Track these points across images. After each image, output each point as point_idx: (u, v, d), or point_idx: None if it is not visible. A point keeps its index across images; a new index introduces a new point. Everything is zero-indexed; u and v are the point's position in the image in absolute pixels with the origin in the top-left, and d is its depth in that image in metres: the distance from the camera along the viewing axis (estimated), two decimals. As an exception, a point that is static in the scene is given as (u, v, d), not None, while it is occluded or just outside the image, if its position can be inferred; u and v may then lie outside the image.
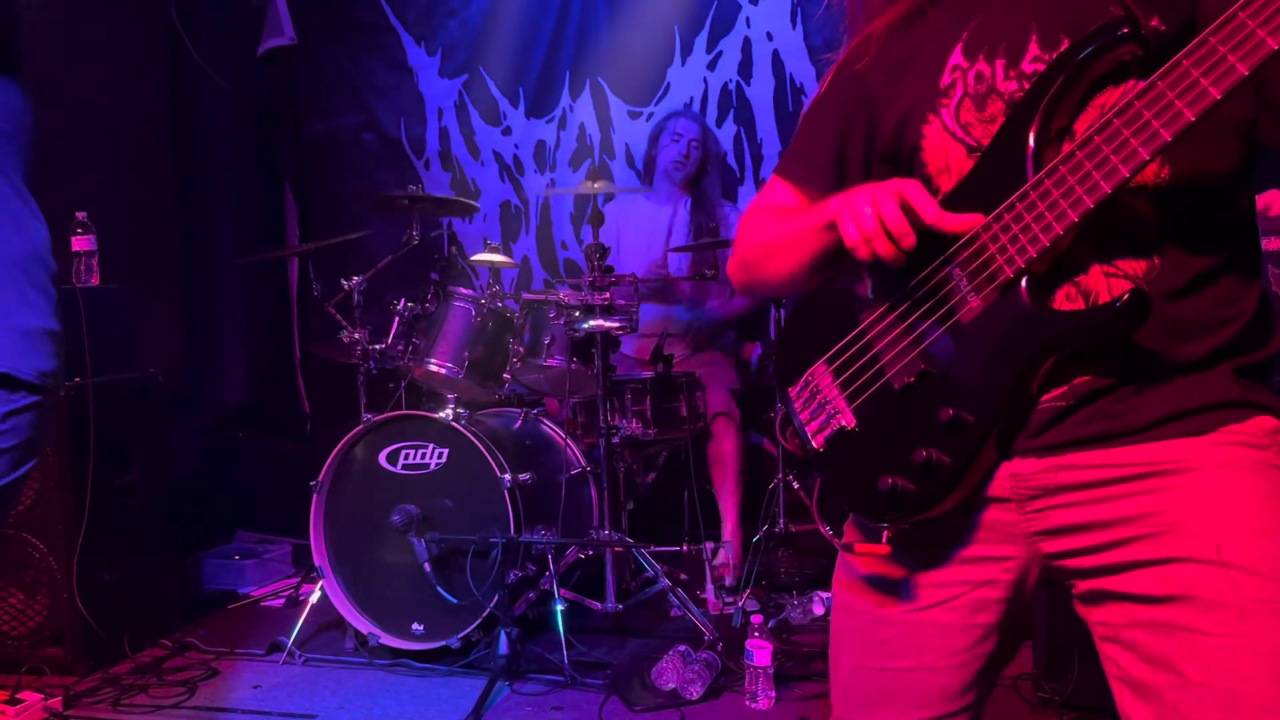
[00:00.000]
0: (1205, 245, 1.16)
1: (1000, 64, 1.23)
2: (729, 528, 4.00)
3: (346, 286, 3.65)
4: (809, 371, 1.35)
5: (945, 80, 1.28)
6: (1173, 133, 1.03)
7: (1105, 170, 1.07)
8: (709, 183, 4.39)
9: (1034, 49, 1.22)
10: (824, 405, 1.32)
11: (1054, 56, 1.18)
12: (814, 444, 1.32)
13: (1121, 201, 1.10)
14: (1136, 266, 1.15)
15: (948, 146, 1.27)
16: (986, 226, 1.17)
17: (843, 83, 1.40)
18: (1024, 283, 1.15)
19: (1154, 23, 1.12)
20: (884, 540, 1.24)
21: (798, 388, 1.36)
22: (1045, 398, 1.18)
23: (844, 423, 1.29)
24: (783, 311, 3.97)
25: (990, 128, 1.23)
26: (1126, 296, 1.09)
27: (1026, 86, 1.20)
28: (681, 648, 3.11)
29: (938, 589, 1.27)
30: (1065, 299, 1.16)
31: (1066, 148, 1.12)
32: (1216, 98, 0.99)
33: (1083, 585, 1.20)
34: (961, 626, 1.26)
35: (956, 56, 1.27)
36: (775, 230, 1.37)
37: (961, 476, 1.19)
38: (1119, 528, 1.15)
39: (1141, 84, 1.05)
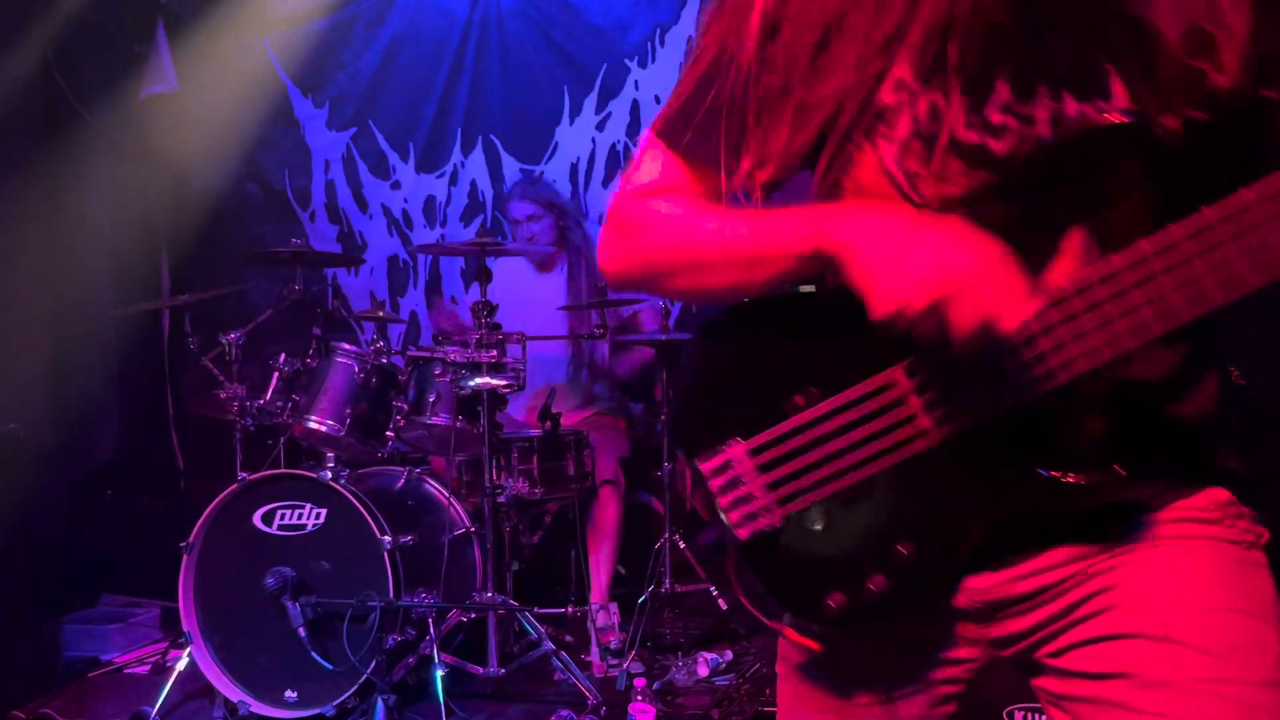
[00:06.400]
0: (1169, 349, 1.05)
1: (960, 103, 1.03)
2: (598, 594, 3.95)
3: (224, 340, 3.55)
4: (727, 453, 1.16)
5: (888, 97, 1.06)
6: (1166, 327, 0.93)
7: (1109, 336, 0.96)
8: (575, 243, 4.38)
9: (1004, 92, 1.02)
10: (748, 499, 1.15)
11: (1033, 113, 1.01)
12: (737, 534, 1.17)
13: None
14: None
15: (885, 193, 1.09)
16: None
17: (746, 39, 1.12)
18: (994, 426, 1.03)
19: (1168, 122, 0.98)
20: (816, 634, 1.17)
21: (713, 465, 1.17)
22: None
23: (772, 524, 1.14)
24: (676, 371, 3.98)
25: (943, 190, 1.05)
26: (1122, 472, 1.01)
27: (993, 147, 1.02)
28: (565, 713, 3.06)
29: (898, 682, 1.21)
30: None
31: (1057, 286, 0.97)
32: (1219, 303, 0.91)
33: (1031, 659, 1.16)
34: (924, 718, 1.22)
35: (903, 68, 1.05)
36: (701, 237, 1.14)
37: (912, 602, 1.11)
38: (1071, 613, 1.10)
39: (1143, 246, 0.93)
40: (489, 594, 3.41)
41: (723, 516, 1.18)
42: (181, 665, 3.34)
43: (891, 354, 1.06)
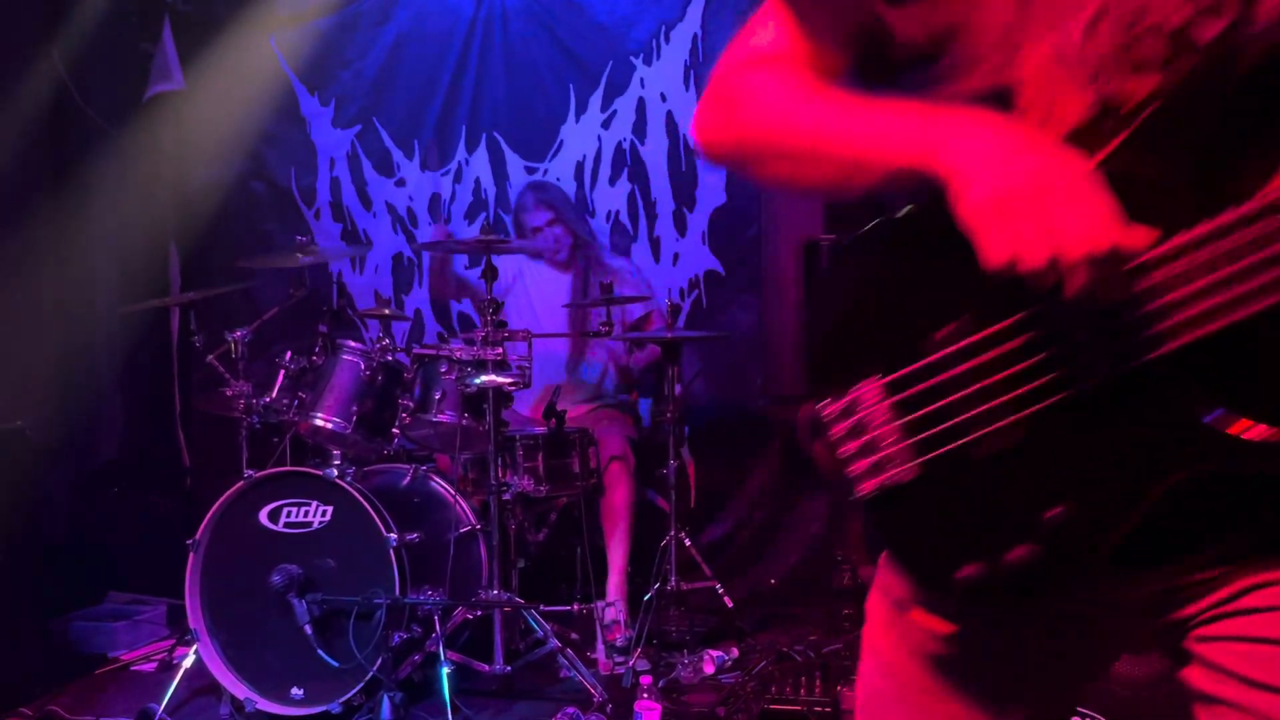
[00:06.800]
0: None
1: None
2: (614, 583, 3.95)
3: (230, 338, 3.55)
4: (854, 391, 1.01)
5: None
6: None
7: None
8: (587, 244, 4.40)
9: None
10: (874, 445, 1.00)
11: None
12: (858, 488, 1.02)
13: None
14: None
15: (1057, 87, 0.91)
16: (1153, 262, 0.84)
17: None
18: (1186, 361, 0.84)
19: None
20: (952, 614, 1.02)
21: (838, 406, 1.02)
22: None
23: (902, 478, 0.99)
24: (682, 368, 3.98)
25: (1132, 84, 0.87)
26: None
27: (1203, 33, 0.83)
28: (570, 710, 3.06)
29: (1021, 686, 1.06)
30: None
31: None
32: None
33: (1182, 646, 0.99)
34: None
35: None
36: (800, 126, 1.01)
37: (1063, 579, 0.94)
38: (1243, 597, 0.91)
39: None
40: (495, 591, 3.41)
41: (845, 467, 1.03)
42: (188, 662, 3.34)
43: None
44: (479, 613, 3.43)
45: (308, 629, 3.17)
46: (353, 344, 3.60)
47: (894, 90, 1.02)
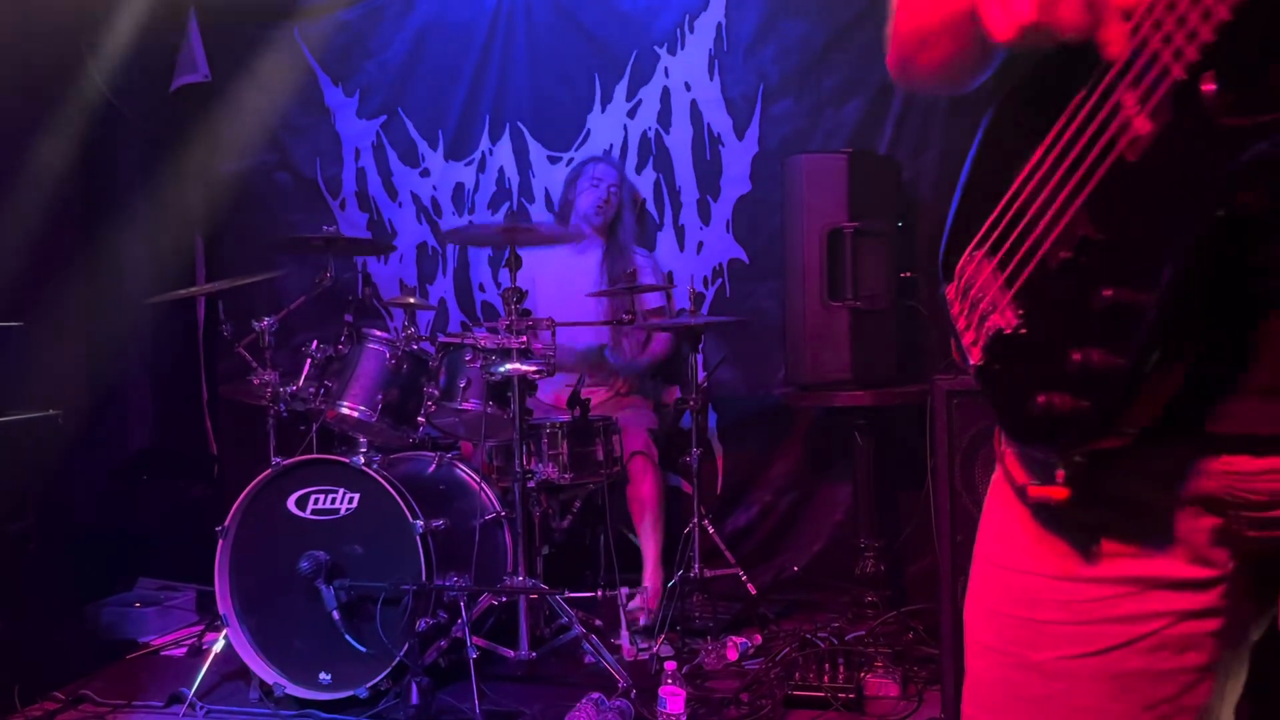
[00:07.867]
0: None
1: None
2: (649, 570, 3.98)
3: (257, 327, 3.58)
4: (959, 262, 1.01)
5: None
6: None
7: None
8: (624, 230, 4.44)
9: None
10: (978, 303, 0.97)
11: None
12: (970, 359, 0.98)
13: None
14: None
15: None
16: (1150, 6, 0.79)
17: None
18: (1206, 84, 0.76)
19: None
20: (1059, 480, 0.91)
21: (953, 288, 1.02)
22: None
23: (1000, 323, 0.94)
24: (699, 357, 3.99)
25: None
26: None
27: None
28: (595, 695, 3.08)
29: (1127, 623, 0.92)
30: None
31: None
32: None
33: None
34: (1157, 673, 0.92)
35: None
36: (931, 7, 1.03)
37: (1139, 382, 0.81)
38: None
39: None
40: (520, 578, 3.43)
41: (964, 350, 0.99)
42: (218, 648, 3.39)
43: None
44: (504, 599, 3.45)
45: (335, 615, 3.20)
46: (378, 333, 3.63)
47: None
